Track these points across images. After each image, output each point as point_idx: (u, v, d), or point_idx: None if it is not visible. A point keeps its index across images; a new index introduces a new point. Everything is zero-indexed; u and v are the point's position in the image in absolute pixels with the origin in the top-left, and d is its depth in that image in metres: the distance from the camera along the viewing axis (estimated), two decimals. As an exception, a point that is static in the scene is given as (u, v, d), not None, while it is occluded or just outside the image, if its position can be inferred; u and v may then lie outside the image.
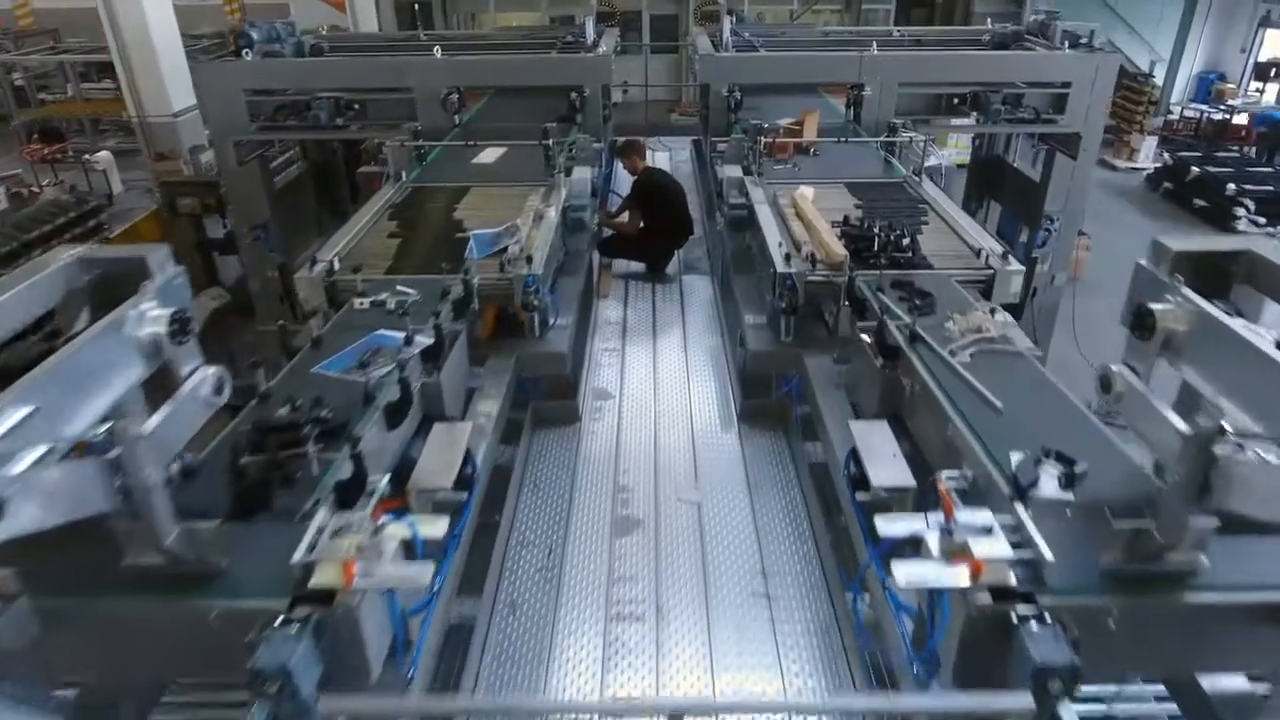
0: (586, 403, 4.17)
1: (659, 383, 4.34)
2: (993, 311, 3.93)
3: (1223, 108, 17.58)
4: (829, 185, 5.05)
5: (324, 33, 7.90)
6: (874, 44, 6.42)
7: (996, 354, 2.92)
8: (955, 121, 7.16)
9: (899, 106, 6.55)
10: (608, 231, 5.81)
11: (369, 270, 3.90)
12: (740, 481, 3.56)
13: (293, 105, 6.71)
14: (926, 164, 5.15)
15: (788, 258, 3.77)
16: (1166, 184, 13.84)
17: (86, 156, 11.30)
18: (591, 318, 5.07)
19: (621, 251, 5.73)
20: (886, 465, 2.50)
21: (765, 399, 3.98)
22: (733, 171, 5.16)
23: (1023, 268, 3.81)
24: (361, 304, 3.43)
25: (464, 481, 2.51)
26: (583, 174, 5.09)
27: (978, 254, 3.91)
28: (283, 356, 3.08)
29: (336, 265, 3.88)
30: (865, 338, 3.25)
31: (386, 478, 2.12)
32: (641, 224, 5.57)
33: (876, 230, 3.92)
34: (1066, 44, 6.48)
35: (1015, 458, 2.05)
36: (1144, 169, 14.82)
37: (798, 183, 5.05)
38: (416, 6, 18.77)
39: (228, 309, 7.55)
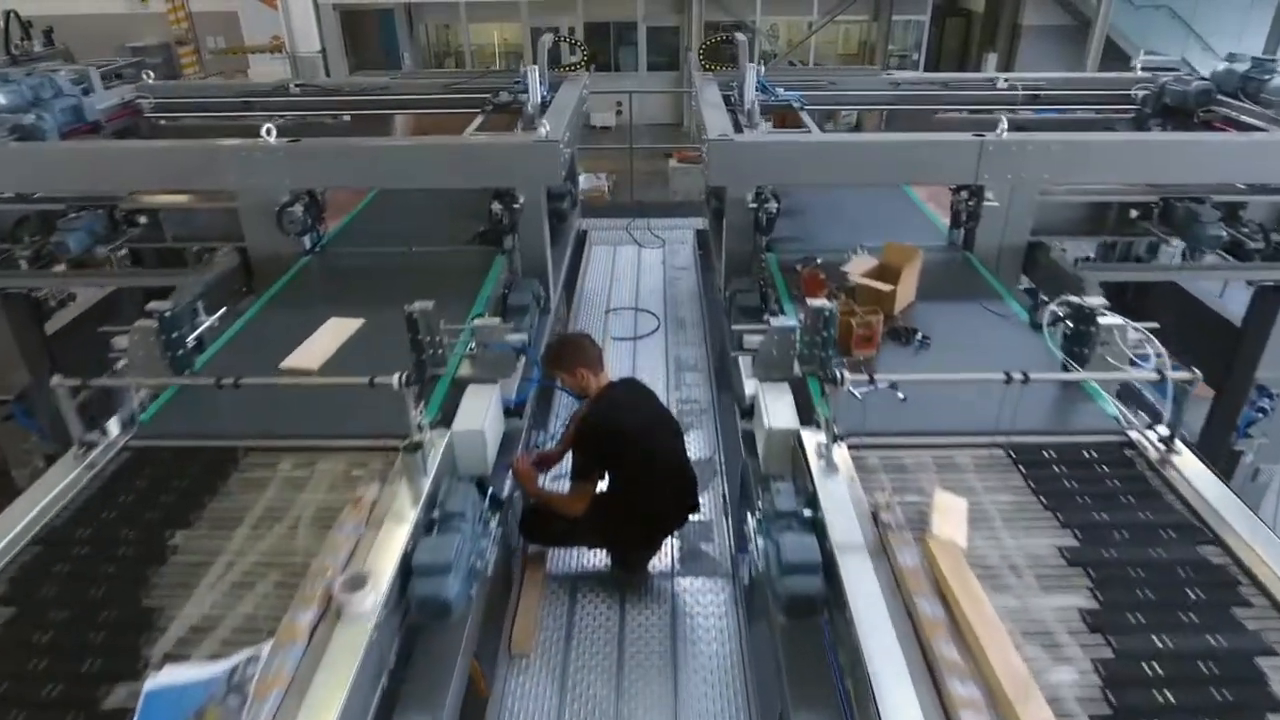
0: None
1: None
2: None
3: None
4: (974, 455, 2.44)
5: (150, 81, 5.30)
6: (1003, 121, 3.76)
7: None
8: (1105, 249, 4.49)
9: (1037, 222, 3.96)
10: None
11: None
12: None
13: (42, 218, 4.10)
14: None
15: None
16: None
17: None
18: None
19: (563, 535, 3.04)
20: None
21: None
22: (780, 418, 2.55)
23: None
24: None
25: None
26: (475, 418, 2.50)
27: None
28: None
29: None
30: None
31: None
32: (603, 485, 2.91)
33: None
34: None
35: None
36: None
37: (904, 445, 2.45)
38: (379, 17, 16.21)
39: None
